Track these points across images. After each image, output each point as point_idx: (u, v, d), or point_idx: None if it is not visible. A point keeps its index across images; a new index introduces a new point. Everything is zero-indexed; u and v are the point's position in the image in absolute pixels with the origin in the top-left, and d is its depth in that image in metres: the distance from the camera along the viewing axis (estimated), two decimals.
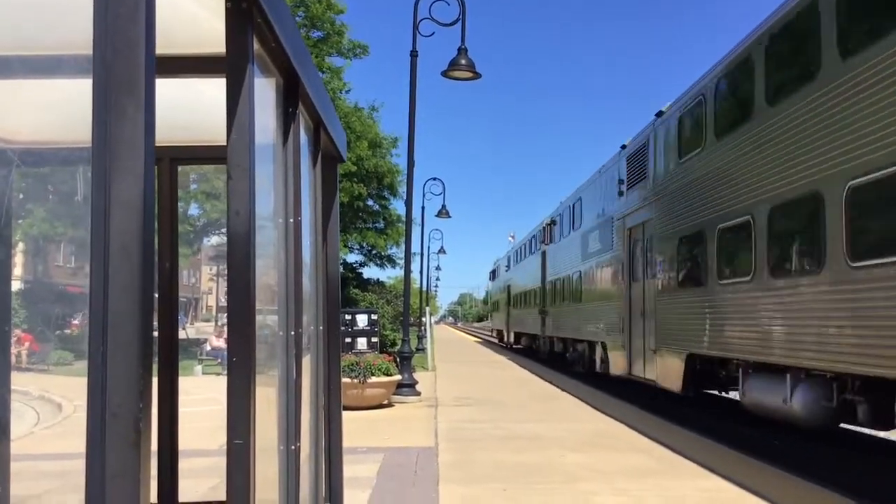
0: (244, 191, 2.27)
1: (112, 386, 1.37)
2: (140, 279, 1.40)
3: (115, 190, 1.41)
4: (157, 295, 4.53)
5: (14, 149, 3.37)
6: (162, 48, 2.83)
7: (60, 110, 3.16)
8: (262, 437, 2.49)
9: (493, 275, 57.11)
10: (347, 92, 29.83)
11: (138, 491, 1.38)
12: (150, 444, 1.44)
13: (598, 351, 20.78)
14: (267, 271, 2.92)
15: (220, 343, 24.52)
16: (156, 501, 4.45)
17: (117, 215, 1.40)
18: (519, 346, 42.04)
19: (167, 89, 3.24)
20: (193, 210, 31.95)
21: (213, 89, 3.18)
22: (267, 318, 2.95)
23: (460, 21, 14.69)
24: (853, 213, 8.58)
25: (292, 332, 3.04)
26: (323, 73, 27.41)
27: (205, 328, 42.88)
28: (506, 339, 46.86)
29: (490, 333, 69.39)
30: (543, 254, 31.67)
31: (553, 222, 29.38)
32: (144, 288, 1.41)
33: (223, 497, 2.26)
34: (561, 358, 27.87)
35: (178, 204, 4.74)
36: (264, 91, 2.73)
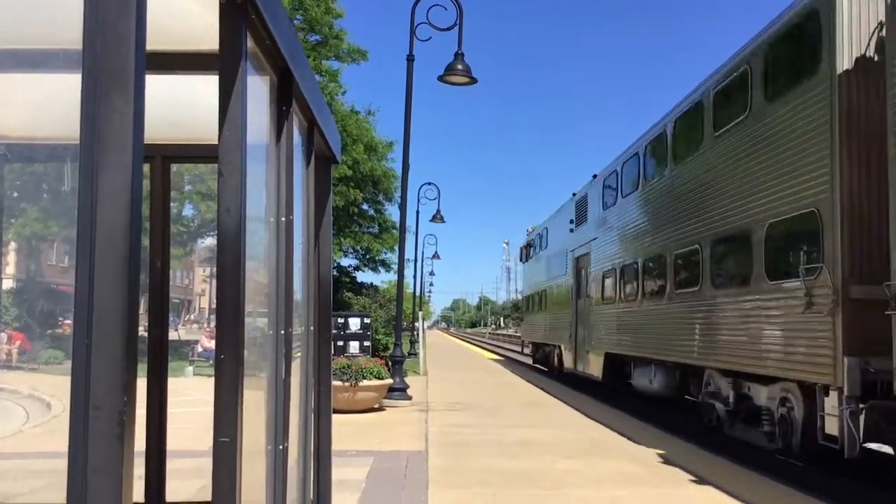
0: (235, 188, 2.26)
1: (96, 378, 1.36)
2: (126, 272, 1.40)
3: (102, 184, 1.40)
4: (147, 294, 4.51)
5: (2, 144, 3.36)
6: (154, 44, 2.83)
7: (49, 105, 3.15)
8: (250, 436, 2.48)
9: (528, 252, 34.65)
10: (344, 94, 29.87)
11: (120, 485, 1.37)
12: (134, 439, 1.43)
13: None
14: (258, 269, 2.91)
15: (212, 345, 24.40)
16: (143, 501, 4.43)
17: (104, 209, 1.39)
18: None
19: (160, 86, 3.25)
20: (188, 211, 31.90)
21: (207, 86, 3.17)
22: (257, 317, 2.94)
23: (457, 26, 14.71)
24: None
25: (282, 332, 3.03)
26: (320, 76, 27.42)
27: (196, 329, 42.77)
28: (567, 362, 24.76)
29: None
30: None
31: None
32: (130, 281, 1.40)
33: (210, 498, 2.25)
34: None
35: (172, 204, 4.73)
36: (257, 89, 2.73)
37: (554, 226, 27.36)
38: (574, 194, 23.97)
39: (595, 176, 21.50)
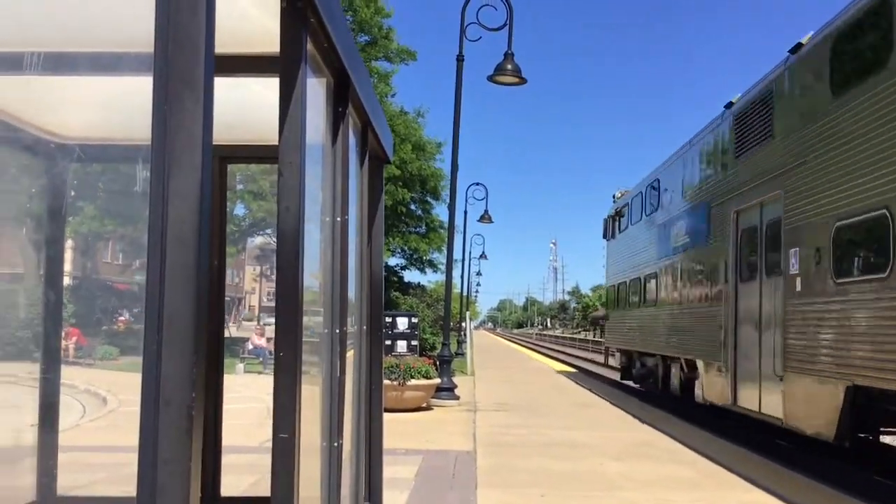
0: (295, 187, 2.30)
1: (166, 373, 1.39)
2: (195, 271, 1.43)
3: (173, 184, 1.44)
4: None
5: (72, 145, 3.45)
6: (217, 47, 2.89)
7: (118, 107, 3.23)
8: (306, 432, 2.51)
9: (615, 225, 26.03)
10: (393, 96, 30.04)
11: (189, 477, 1.41)
12: (201, 434, 1.46)
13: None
14: (314, 268, 2.95)
15: (262, 342, 24.80)
16: (199, 496, 4.51)
17: (175, 208, 1.43)
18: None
19: (219, 88, 3.31)
20: (239, 210, 32.38)
21: (263, 88, 3.23)
22: (313, 315, 2.98)
23: (507, 26, 14.69)
24: None
25: (337, 331, 3.06)
26: (370, 76, 27.62)
27: (247, 327, 43.39)
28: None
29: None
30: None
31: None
32: (199, 279, 1.43)
33: (263, 493, 2.29)
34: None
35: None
36: (315, 90, 2.76)
37: (675, 174, 18.21)
38: (729, 104, 14.68)
39: (729, 105, 14.52)
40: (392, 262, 34.62)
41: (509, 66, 14.58)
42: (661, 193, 19.48)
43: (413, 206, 32.58)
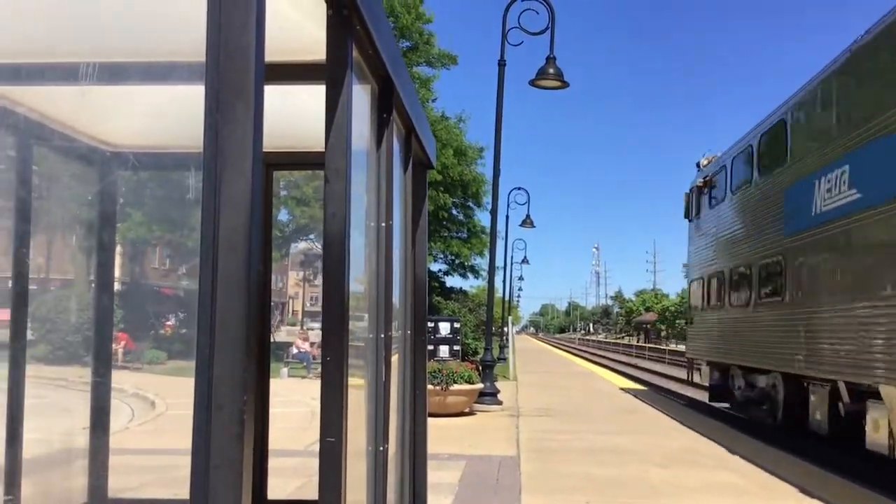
0: (341, 194, 2.32)
1: (218, 378, 1.41)
2: (246, 276, 1.45)
3: (225, 191, 1.46)
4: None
5: (126, 152, 3.52)
6: (266, 56, 2.93)
7: (169, 116, 3.29)
8: (352, 437, 2.53)
9: (703, 200, 19.90)
10: (434, 101, 30.13)
11: (240, 480, 1.42)
12: (252, 438, 1.48)
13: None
14: (359, 273, 2.97)
15: (306, 346, 25.01)
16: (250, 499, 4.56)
17: (227, 215, 1.45)
18: None
19: (266, 97, 3.35)
20: (282, 216, 32.73)
21: (308, 96, 3.26)
22: (358, 321, 3.00)
23: (549, 30, 14.65)
24: None
25: (382, 335, 3.08)
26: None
27: (291, 331, 43.79)
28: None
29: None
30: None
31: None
32: (250, 285, 1.45)
33: (309, 496, 2.31)
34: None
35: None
36: (360, 97, 2.78)
37: (823, 104, 12.67)
38: None
39: None
40: (434, 267, 34.67)
41: (551, 70, 14.54)
42: (791, 139, 13.82)
43: (455, 211, 32.61)
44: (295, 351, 25.12)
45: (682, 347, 76.24)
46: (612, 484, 8.54)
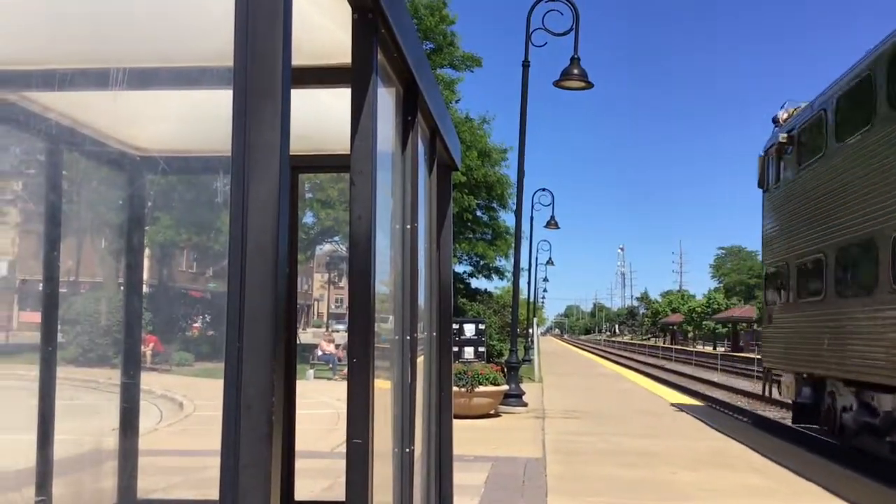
0: (366, 196, 2.33)
1: (247, 380, 1.43)
2: (273, 279, 1.46)
3: (253, 194, 1.47)
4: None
5: (155, 157, 3.56)
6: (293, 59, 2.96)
7: (198, 120, 3.32)
8: (379, 438, 2.54)
9: (788, 159, 15.11)
10: (457, 102, 30.12)
11: (269, 481, 1.44)
12: (281, 438, 1.49)
13: None
14: (385, 276, 2.98)
15: (331, 348, 25.12)
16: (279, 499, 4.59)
17: (255, 218, 1.46)
18: None
19: (293, 100, 3.38)
20: (308, 218, 32.87)
21: (333, 99, 3.28)
22: (384, 322, 3.01)
23: (573, 30, 14.61)
24: None
25: (408, 337, 3.09)
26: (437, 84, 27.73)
27: (316, 333, 43.98)
28: None
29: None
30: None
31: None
32: (277, 287, 1.47)
33: (337, 497, 2.32)
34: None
35: None
36: (385, 100, 2.80)
37: None
38: None
39: None
40: (459, 268, 34.66)
41: (575, 71, 14.50)
42: None
43: (479, 213, 32.56)
44: (320, 353, 25.23)
45: (708, 349, 75.54)
46: (640, 486, 8.50)
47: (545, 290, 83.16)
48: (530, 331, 36.73)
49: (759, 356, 19.90)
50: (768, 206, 16.37)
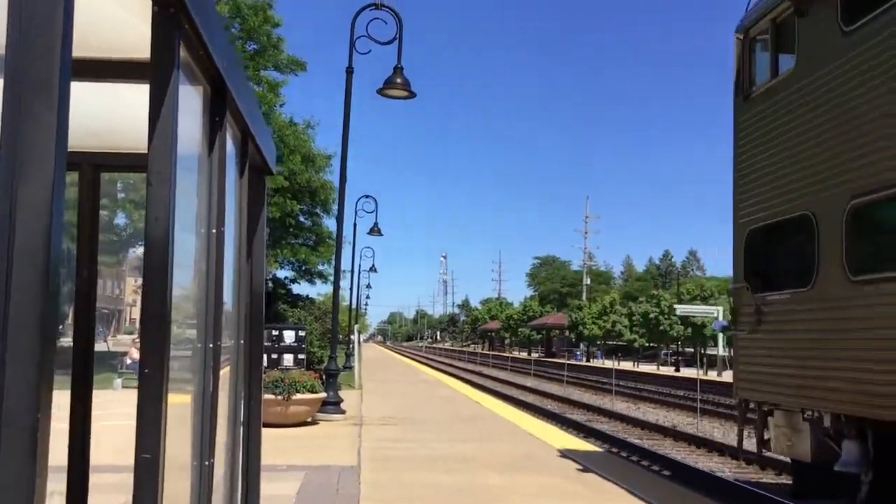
0: (164, 198, 2.23)
1: (9, 393, 1.32)
2: (43, 285, 1.36)
3: (21, 194, 1.37)
4: (73, 305, 4.40)
5: None
6: (86, 51, 2.78)
7: None
8: (174, 452, 2.43)
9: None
10: (282, 106, 29.64)
11: (31, 501, 1.33)
12: (47, 457, 1.39)
13: None
14: (186, 281, 2.87)
15: (138, 356, 23.94)
16: None
17: (23, 220, 1.36)
18: None
19: (91, 94, 3.19)
20: (120, 219, 31.20)
21: (138, 95, 3.12)
22: (185, 329, 2.89)
23: (397, 39, 14.75)
24: None
25: (210, 345, 2.98)
26: (259, 86, 27.16)
27: (126, 341, 41.78)
28: None
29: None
30: None
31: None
32: (48, 294, 1.37)
33: None
34: None
35: (104, 213, 4.62)
36: (190, 99, 2.69)
37: None
38: None
39: None
40: (281, 274, 34.07)
41: (398, 80, 14.63)
42: None
43: (302, 218, 32.17)
44: (129, 361, 23.97)
45: (524, 354, 78.23)
46: (454, 491, 8.66)
47: (368, 297, 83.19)
48: (352, 337, 36.66)
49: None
50: (752, 122, 10.39)
